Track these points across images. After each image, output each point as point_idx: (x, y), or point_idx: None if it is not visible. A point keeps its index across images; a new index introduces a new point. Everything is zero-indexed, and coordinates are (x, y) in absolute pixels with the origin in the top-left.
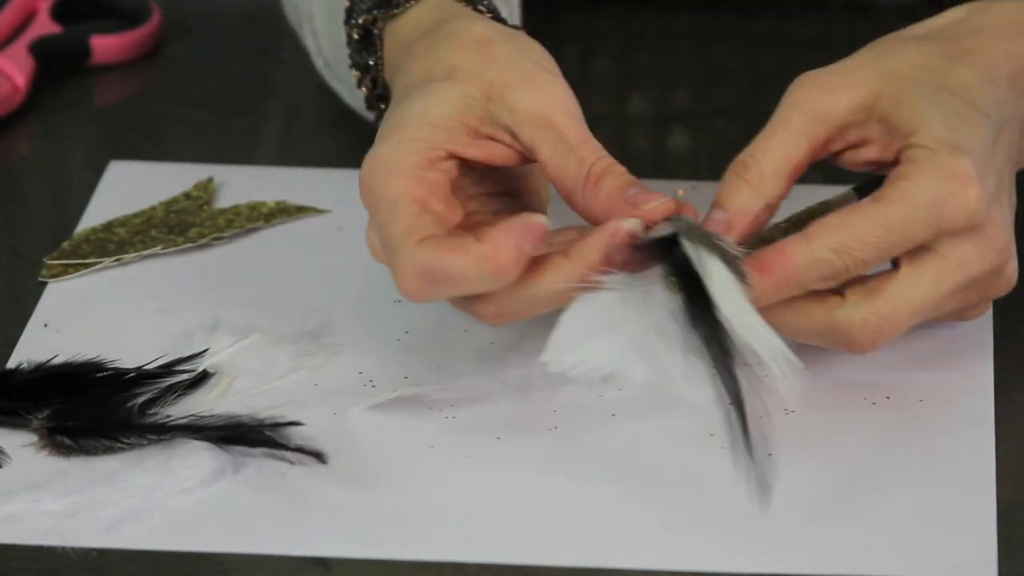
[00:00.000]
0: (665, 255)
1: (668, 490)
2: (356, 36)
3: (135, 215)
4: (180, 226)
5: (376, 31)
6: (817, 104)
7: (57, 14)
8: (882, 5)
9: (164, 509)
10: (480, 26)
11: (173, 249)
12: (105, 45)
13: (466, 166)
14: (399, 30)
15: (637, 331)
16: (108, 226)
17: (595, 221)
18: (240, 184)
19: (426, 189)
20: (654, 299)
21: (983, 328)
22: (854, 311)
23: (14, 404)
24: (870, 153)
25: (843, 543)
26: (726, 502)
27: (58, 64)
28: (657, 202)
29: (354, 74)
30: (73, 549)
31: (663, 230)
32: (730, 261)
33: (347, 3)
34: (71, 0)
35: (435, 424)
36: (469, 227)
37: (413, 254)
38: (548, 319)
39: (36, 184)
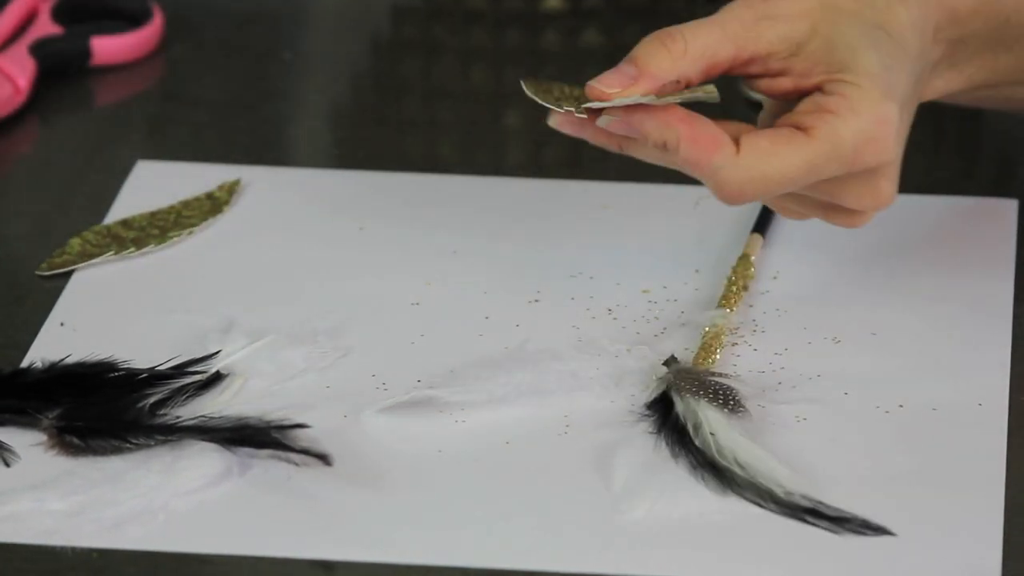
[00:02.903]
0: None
1: (682, 496)
2: None
3: (142, 215)
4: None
5: None
6: (755, 23)
7: (58, 15)
8: None
9: (167, 510)
10: None
11: (164, 246)
12: (106, 46)
13: None
14: None
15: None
16: (113, 224)
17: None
18: (268, 185)
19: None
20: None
21: (1001, 338)
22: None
23: (25, 403)
24: (785, 84)
25: (855, 551)
26: (735, 509)
27: (59, 65)
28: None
29: None
30: (73, 549)
31: (657, 390)
32: (720, 398)
33: None
34: (72, 1)
35: (444, 428)
36: None
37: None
38: (560, 323)
39: (37, 185)
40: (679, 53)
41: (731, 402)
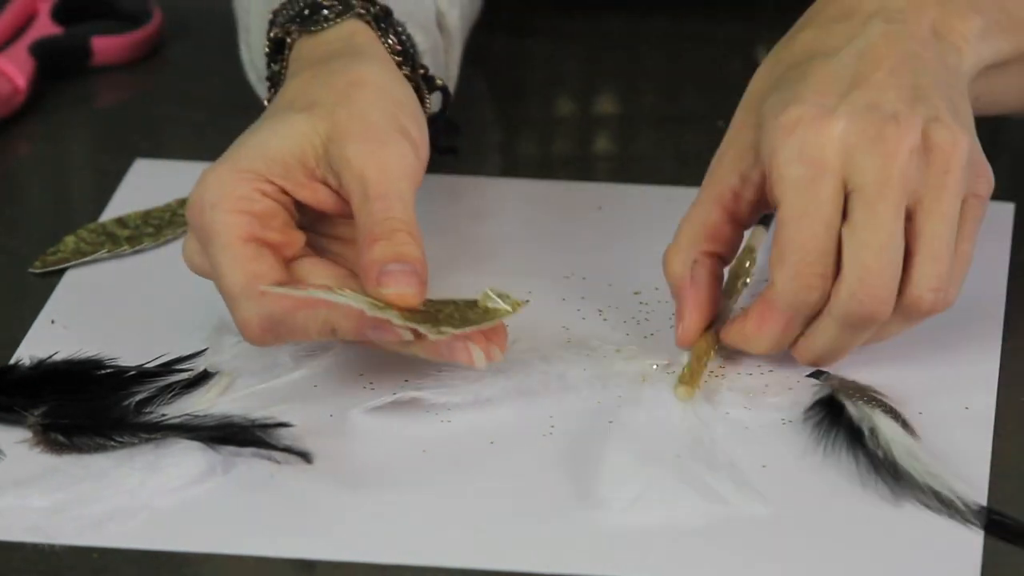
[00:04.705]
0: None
1: (664, 498)
2: (267, 48)
3: (136, 213)
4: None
5: (289, 40)
6: (713, 173)
7: (58, 15)
8: None
9: (150, 508)
10: (365, 68)
11: (158, 244)
12: (106, 46)
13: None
14: (306, 47)
15: (670, 457)
16: (108, 222)
17: (360, 277)
18: None
19: (257, 222)
20: (670, 426)
21: (991, 341)
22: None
23: (11, 400)
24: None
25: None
26: (717, 512)
27: (59, 65)
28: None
29: (266, 85)
30: (72, 548)
31: (820, 392)
32: (891, 411)
33: (270, 15)
34: (72, 1)
35: (430, 428)
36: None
37: (257, 307)
38: (549, 324)
39: (36, 185)
40: (675, 251)
41: (901, 419)
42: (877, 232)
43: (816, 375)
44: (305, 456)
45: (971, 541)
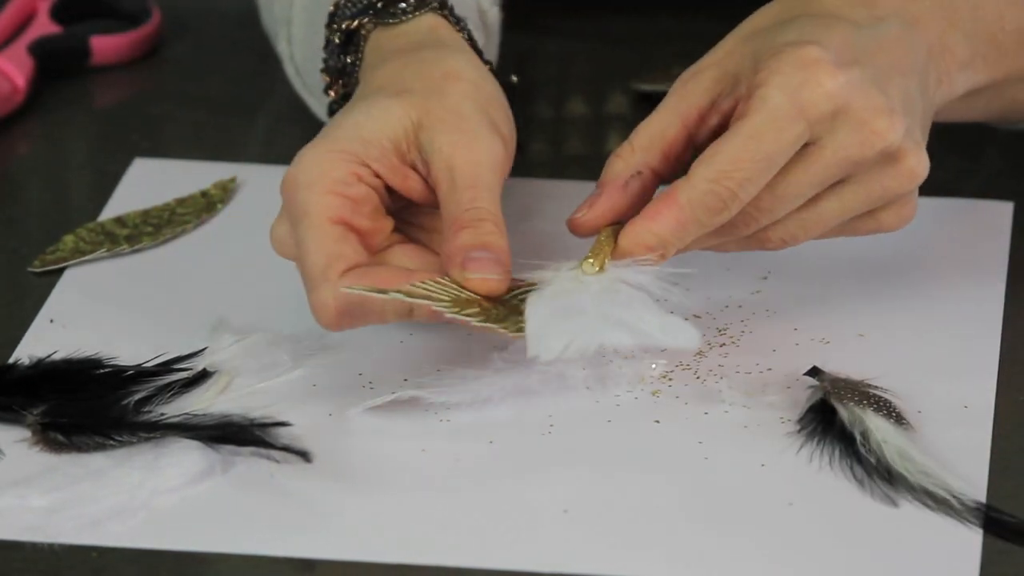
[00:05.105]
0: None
1: (661, 497)
2: (338, 40)
3: (136, 212)
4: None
5: (363, 32)
6: (685, 87)
7: (57, 14)
8: None
9: (149, 507)
10: (457, 61)
11: (157, 243)
12: (105, 45)
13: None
14: (384, 38)
15: (593, 307)
16: (107, 221)
17: (443, 262)
18: (263, 183)
19: (349, 206)
20: (583, 280)
21: (989, 340)
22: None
23: (10, 399)
24: (741, 108)
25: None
26: (717, 508)
27: (58, 64)
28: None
29: (323, 78)
30: (72, 548)
31: (813, 397)
32: (884, 406)
33: (331, 8)
34: (71, 0)
35: (429, 427)
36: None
37: (335, 290)
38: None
39: (36, 184)
40: (627, 153)
41: (895, 413)
42: (798, 178)
43: (812, 373)
44: (304, 455)
45: (970, 540)
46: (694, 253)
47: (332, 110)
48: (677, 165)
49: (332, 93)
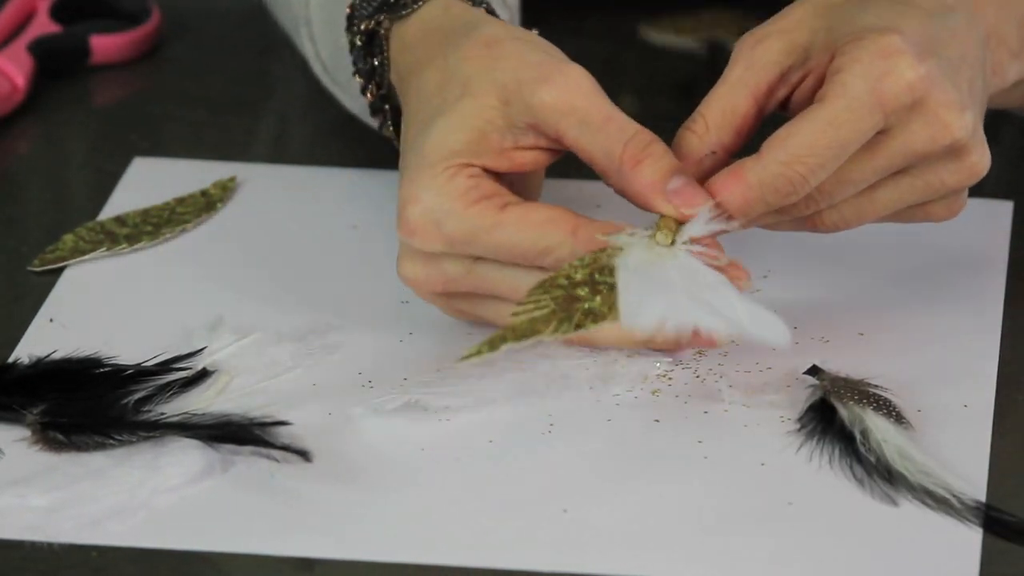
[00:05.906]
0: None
1: (661, 496)
2: (359, 42)
3: (136, 212)
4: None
5: (382, 31)
6: (752, 55)
7: (56, 14)
8: None
9: (149, 507)
10: (487, 28)
11: (157, 243)
12: (105, 45)
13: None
14: (405, 32)
15: (681, 283)
16: (107, 221)
17: (632, 199)
18: (263, 183)
19: (496, 193)
20: (659, 252)
21: (989, 339)
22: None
23: (10, 399)
24: (813, 85)
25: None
26: (717, 508)
27: (57, 64)
28: (702, 207)
29: (357, 81)
30: (72, 547)
31: (812, 396)
32: (883, 405)
33: (348, 10)
34: (70, 0)
35: (428, 426)
36: None
37: (574, 248)
38: None
39: (36, 184)
40: (702, 129)
41: (895, 412)
42: (863, 165)
43: (812, 372)
44: (304, 455)
45: (970, 539)
46: None
47: (374, 108)
48: (747, 139)
49: (370, 95)
